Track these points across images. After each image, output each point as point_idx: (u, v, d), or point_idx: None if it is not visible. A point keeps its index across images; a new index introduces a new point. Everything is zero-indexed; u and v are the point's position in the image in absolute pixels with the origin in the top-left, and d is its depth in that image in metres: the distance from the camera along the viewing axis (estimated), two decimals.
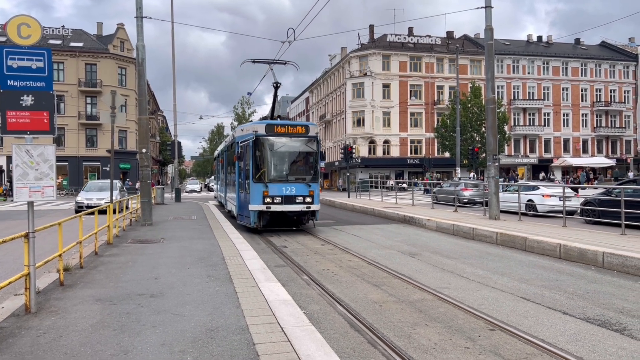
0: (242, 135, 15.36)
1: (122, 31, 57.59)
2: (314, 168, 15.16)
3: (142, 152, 16.07)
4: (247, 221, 14.76)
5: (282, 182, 14.33)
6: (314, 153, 15.14)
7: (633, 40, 72.38)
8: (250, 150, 14.38)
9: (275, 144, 14.62)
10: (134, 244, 11.73)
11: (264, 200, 13.96)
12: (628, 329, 5.74)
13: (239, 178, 15.68)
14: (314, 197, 14.58)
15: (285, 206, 14.27)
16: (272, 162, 14.57)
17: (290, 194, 14.19)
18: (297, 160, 15.24)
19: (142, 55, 15.96)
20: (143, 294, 6.76)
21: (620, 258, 8.96)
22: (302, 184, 14.57)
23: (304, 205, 14.41)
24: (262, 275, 7.80)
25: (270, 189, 14.08)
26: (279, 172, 14.67)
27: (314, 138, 15.06)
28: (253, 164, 14.32)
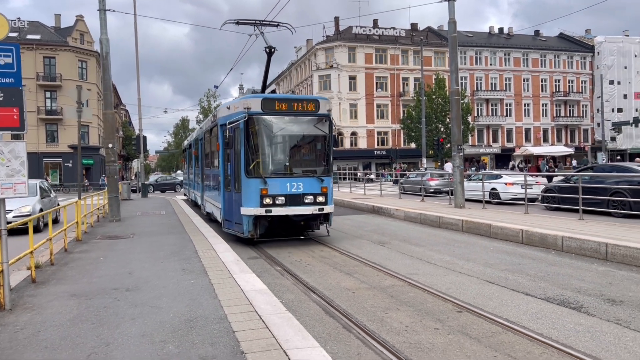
0: (227, 115, 11.75)
1: (82, 23, 56.11)
2: (326, 157, 11.63)
3: (108, 147, 15.87)
4: (238, 229, 11.28)
5: (286, 177, 10.93)
6: (327, 137, 11.55)
7: (590, 32, 74.76)
8: (241, 134, 10.85)
9: (276, 125, 11.04)
10: (104, 240, 11.65)
11: (262, 201, 10.57)
12: (585, 307, 6.12)
13: (224, 172, 12.09)
14: (327, 195, 11.15)
15: (290, 208, 10.77)
16: (271, 150, 11.22)
17: (296, 191, 10.77)
18: (305, 147, 11.94)
19: (107, 49, 15.72)
20: (118, 288, 6.80)
21: (578, 242, 9.44)
22: (312, 178, 11.13)
23: (316, 206, 10.97)
24: (236, 267, 7.93)
25: (270, 185, 10.64)
26: (281, 163, 11.25)
27: (325, 117, 11.48)
28: (245, 154, 10.79)
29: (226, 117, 11.82)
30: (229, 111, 11.82)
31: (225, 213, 12.21)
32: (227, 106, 12.18)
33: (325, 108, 11.50)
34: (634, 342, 4.94)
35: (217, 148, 12.36)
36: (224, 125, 11.73)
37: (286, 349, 4.30)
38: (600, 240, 9.08)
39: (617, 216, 14.34)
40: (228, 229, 12.09)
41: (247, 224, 10.82)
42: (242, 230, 11.02)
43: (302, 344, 4.41)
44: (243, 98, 11.61)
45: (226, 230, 12.21)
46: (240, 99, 11.87)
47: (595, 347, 4.81)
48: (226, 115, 11.90)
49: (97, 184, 49.72)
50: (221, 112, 12.69)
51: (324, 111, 11.46)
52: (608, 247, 8.79)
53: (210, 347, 4.46)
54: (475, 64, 65.16)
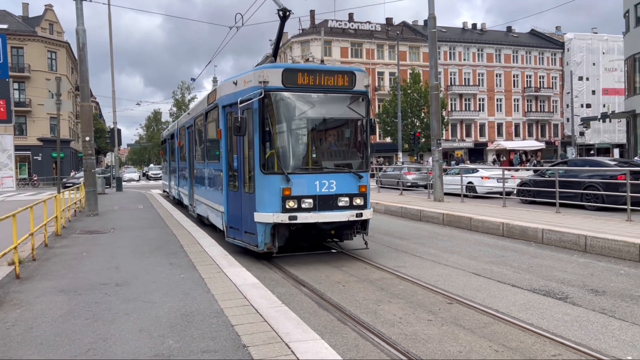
0: (233, 93, 9.14)
1: (51, 13, 54.65)
2: (363, 147, 9.25)
3: (85, 141, 15.55)
4: (249, 240, 8.89)
5: (315, 172, 8.58)
6: (364, 121, 9.13)
7: (560, 29, 76.26)
8: (254, 117, 8.49)
9: (301, 105, 8.71)
10: (84, 235, 11.45)
11: (285, 204, 8.24)
12: (570, 297, 6.32)
13: (228, 167, 9.71)
14: (366, 196, 8.87)
15: (321, 214, 8.41)
16: (296, 138, 8.85)
17: (328, 192, 8.47)
18: (338, 134, 9.51)
19: (83, 40, 15.35)
20: (107, 284, 6.72)
21: (558, 234, 9.70)
22: (348, 174, 8.77)
23: (352, 210, 8.60)
24: (224, 261, 7.90)
25: (294, 184, 8.29)
26: (308, 155, 8.84)
27: (363, 95, 9.07)
28: (260, 142, 8.44)
29: (232, 95, 9.23)
30: (235, 87, 9.20)
31: (230, 219, 9.62)
32: (233, 81, 9.39)
33: (363, 83, 9.04)
34: (620, 330, 5.13)
35: (219, 136, 9.88)
36: (229, 107, 9.41)
37: (288, 341, 4.32)
38: (579, 232, 9.35)
39: (590, 209, 14.78)
40: (234, 239, 9.48)
41: (262, 235, 8.41)
42: (255, 242, 8.59)
43: (302, 337, 4.45)
44: (257, 69, 8.79)
45: (231, 241, 9.61)
46: (252, 70, 8.96)
47: (585, 336, 4.98)
48: (231, 94, 9.26)
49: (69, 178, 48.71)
50: (224, 89, 9.93)
51: (361, 87, 9.01)
52: (587, 240, 9.06)
53: (211, 341, 4.46)
54: (449, 59, 65.86)
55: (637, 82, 33.06)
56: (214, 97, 10.88)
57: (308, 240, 9.41)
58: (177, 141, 18.57)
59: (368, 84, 9.18)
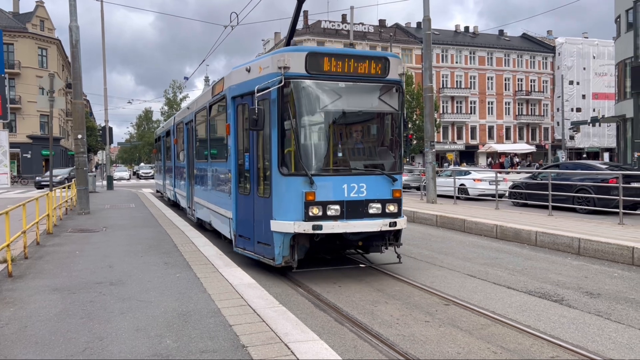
0: (245, 82, 8.12)
1: (42, 9, 54.23)
2: (396, 145, 8.08)
3: (78, 138, 15.41)
4: (264, 252, 7.74)
5: (343, 174, 7.48)
6: (397, 115, 8.00)
7: (551, 33, 76.89)
8: (272, 109, 7.36)
9: (328, 95, 7.55)
10: (76, 233, 11.35)
11: (308, 211, 7.11)
12: (565, 300, 6.35)
13: (237, 166, 8.62)
14: (400, 203, 7.81)
15: (349, 223, 7.25)
16: (321, 134, 7.72)
17: (357, 197, 7.35)
18: (368, 130, 8.35)
19: (77, 37, 15.23)
20: (102, 282, 6.66)
21: (551, 237, 9.75)
22: (380, 176, 7.63)
23: (385, 219, 7.48)
24: (220, 261, 7.85)
25: (319, 188, 7.17)
26: (335, 154, 7.69)
27: (397, 85, 7.89)
28: (279, 138, 7.32)
29: (243, 84, 8.18)
30: (248, 75, 8.07)
31: (240, 226, 8.51)
32: (245, 67, 8.18)
33: (397, 71, 7.87)
34: (617, 333, 5.17)
35: (227, 131, 8.78)
36: (240, 97, 8.35)
37: (287, 342, 4.30)
38: (572, 235, 9.41)
39: (581, 212, 14.90)
40: (244, 249, 8.32)
41: (280, 246, 7.28)
42: (270, 254, 7.46)
43: (302, 337, 4.42)
44: (276, 52, 7.51)
45: (240, 252, 8.41)
46: (270, 54, 7.69)
47: (582, 338, 5.01)
48: (243, 82, 8.20)
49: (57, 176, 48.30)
50: (234, 77, 8.71)
51: (394, 76, 7.84)
52: (580, 242, 9.11)
53: (209, 341, 4.42)
54: (441, 61, 66.12)
55: (628, 86, 33.38)
56: (220, 88, 9.62)
57: (330, 252, 8.32)
58: (174, 138, 17.43)
59: (402, 72, 7.97)
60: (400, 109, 7.98)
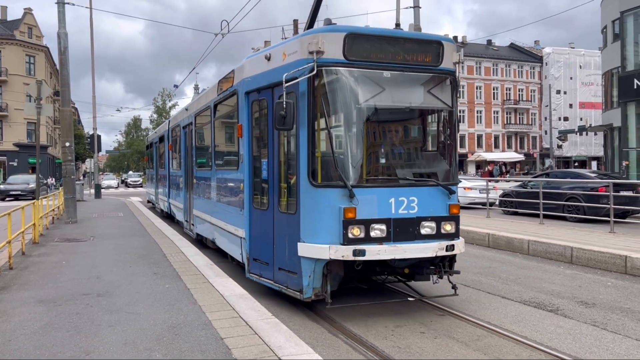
0: (264, 72, 6.77)
1: (30, 16, 53.89)
2: (450, 150, 6.69)
3: (65, 146, 15.21)
4: (288, 282, 6.35)
5: (389, 185, 6.13)
6: (451, 113, 6.67)
7: (538, 43, 77.78)
8: (301, 104, 5.99)
9: (370, 87, 6.16)
10: (63, 243, 11.14)
11: (347, 232, 5.74)
12: (561, 309, 6.30)
13: (251, 176, 7.23)
14: (458, 221, 6.35)
15: (398, 247, 5.88)
16: (362, 135, 6.21)
17: (407, 214, 5.99)
18: (417, 131, 6.99)
19: (65, 44, 15.08)
20: (89, 294, 6.49)
21: (544, 245, 9.73)
22: (433, 188, 6.24)
23: (440, 241, 6.09)
24: (210, 271, 7.71)
25: (361, 202, 5.81)
26: (379, 161, 6.47)
27: (450, 76, 6.56)
28: (309, 140, 5.93)
29: (261, 76, 6.82)
30: (267, 64, 6.66)
31: (255, 248, 7.13)
32: (264, 55, 6.76)
33: (452, 59, 6.51)
34: (614, 343, 5.11)
35: (239, 134, 7.40)
36: (257, 92, 6.97)
37: (281, 356, 4.18)
38: (565, 244, 9.40)
39: (571, 220, 14.92)
40: (260, 276, 6.93)
41: (310, 276, 5.87)
42: (297, 284, 6.08)
43: (296, 351, 4.31)
44: (305, 34, 6.15)
45: (255, 279, 7.03)
46: (297, 36, 6.29)
47: (579, 349, 4.94)
48: (261, 74, 6.83)
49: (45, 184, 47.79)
50: (247, 68, 7.27)
51: (448, 65, 6.47)
52: (573, 251, 9.10)
53: (200, 355, 4.29)
54: None
55: (615, 96, 33.75)
56: (229, 82, 8.20)
57: (366, 280, 6.85)
58: (169, 144, 15.93)
59: (458, 61, 6.57)
60: (453, 105, 6.60)
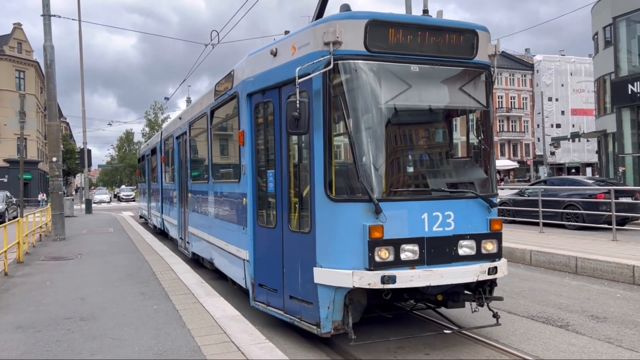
0: (269, 70, 5.97)
1: (20, 31, 53.49)
2: (487, 155, 5.80)
3: (52, 162, 14.81)
4: (302, 313, 5.46)
5: (420, 198, 5.20)
6: (486, 114, 5.83)
7: (529, 51, 78.19)
8: (317, 104, 5.15)
9: (395, 84, 5.29)
10: (49, 262, 10.73)
11: (374, 254, 4.81)
12: (571, 325, 5.97)
13: (255, 189, 6.41)
14: (500, 239, 5.43)
15: (434, 271, 4.95)
16: (387, 140, 5.31)
17: (443, 232, 5.10)
18: (449, 134, 6.07)
19: (51, 57, 14.74)
20: (71, 318, 6.11)
21: (547, 255, 9.42)
22: (471, 201, 5.34)
23: (481, 262, 5.22)
24: (201, 290, 7.34)
25: (389, 219, 4.89)
26: (407, 170, 5.62)
27: (485, 70, 5.71)
28: (326, 147, 5.07)
29: (266, 75, 6.01)
30: (273, 60, 5.84)
31: (260, 271, 6.26)
32: (269, 50, 5.88)
33: (486, 51, 5.64)
34: None
35: (240, 141, 6.60)
36: (261, 93, 6.14)
37: None
38: (569, 254, 9.09)
39: (570, 228, 14.69)
40: (267, 305, 6.08)
41: (329, 307, 5.00)
42: (312, 316, 5.21)
43: None
44: (320, 22, 5.28)
45: (262, 308, 6.15)
46: (308, 26, 5.44)
47: None
48: (265, 72, 6.02)
49: (36, 200, 47.22)
50: (249, 66, 6.49)
51: (483, 57, 5.61)
52: (578, 261, 8.79)
53: None
54: None
55: (607, 102, 33.73)
56: (229, 84, 7.37)
57: (392, 308, 5.95)
58: (161, 156, 15.15)
59: (494, 53, 5.69)
60: (488, 104, 5.72)
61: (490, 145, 5.74)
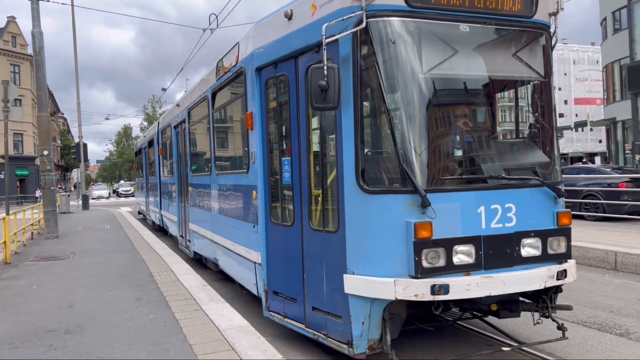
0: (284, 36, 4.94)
1: (14, 25, 52.44)
2: (549, 136, 4.72)
3: (43, 155, 13.99)
4: (330, 329, 4.51)
5: (474, 188, 4.16)
6: (546, 86, 4.72)
7: None
8: (345, 73, 4.11)
9: (441, 48, 4.25)
10: (39, 262, 9.94)
11: (421, 258, 3.86)
12: (632, 332, 5.19)
13: (266, 180, 5.49)
14: (569, 236, 4.40)
15: (494, 276, 3.98)
16: (433, 118, 4.28)
17: (503, 229, 4.11)
18: (504, 110, 5.25)
19: (40, 44, 13.89)
20: (55, 330, 5.31)
21: (581, 250, 8.62)
22: (536, 189, 4.31)
23: (550, 264, 4.26)
24: (203, 294, 6.55)
25: (438, 214, 3.91)
26: (459, 154, 4.31)
27: (545, 32, 4.65)
28: (357, 126, 4.09)
29: (279, 43, 5.04)
30: (288, 25, 4.88)
31: (274, 276, 5.38)
32: (283, 12, 4.92)
33: (546, 8, 4.66)
34: None
35: (248, 124, 5.63)
36: (273, 66, 5.19)
37: None
38: (606, 248, 8.30)
39: (589, 219, 13.96)
40: (284, 317, 5.17)
41: (364, 322, 4.15)
42: (342, 333, 4.34)
43: None
44: None
45: (277, 319, 5.25)
46: None
47: None
48: (278, 40, 5.05)
49: (33, 197, 46.39)
50: (259, 35, 5.47)
51: (543, 16, 4.63)
52: (617, 256, 8.01)
53: None
54: None
55: (617, 89, 32.90)
56: (233, 59, 6.33)
57: (430, 318, 4.68)
58: (159, 148, 14.20)
59: (556, 10, 4.70)
60: (547, 74, 4.70)
61: (553, 123, 4.74)
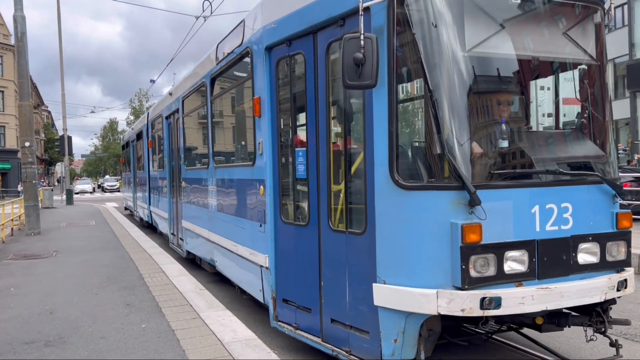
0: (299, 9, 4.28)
1: None
2: (605, 127, 4.08)
3: (25, 147, 13.23)
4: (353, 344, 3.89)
5: (527, 185, 3.56)
6: (600, 70, 4.09)
7: None
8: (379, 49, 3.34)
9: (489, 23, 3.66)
10: (18, 261, 9.25)
11: (468, 266, 3.26)
12: None
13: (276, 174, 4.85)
14: (628, 240, 3.83)
15: (550, 287, 3.41)
16: (480, 104, 3.69)
17: (559, 231, 3.53)
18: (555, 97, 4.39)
19: (22, 29, 13.11)
20: (34, 342, 4.68)
21: None
22: (593, 186, 3.74)
23: (610, 273, 3.73)
24: (201, 300, 5.94)
25: (488, 214, 3.30)
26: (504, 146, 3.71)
27: (598, 8, 4.02)
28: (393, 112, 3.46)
29: (293, 17, 4.42)
30: None
31: (283, 282, 4.80)
32: None
33: None
34: None
35: (255, 111, 5.03)
36: (288, 44, 4.52)
37: None
38: (634, 251, 7.79)
39: None
40: (296, 328, 4.57)
41: (397, 339, 3.56)
42: (370, 351, 3.75)
43: None
44: None
45: (287, 331, 4.66)
46: None
47: None
48: (293, 14, 4.41)
49: (15, 191, 45.20)
50: (269, 10, 4.86)
51: None
52: None
53: None
54: None
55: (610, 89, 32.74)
56: (237, 39, 5.67)
57: (462, 331, 4.46)
58: (148, 140, 13.39)
59: None
60: (600, 57, 4.09)
61: (608, 113, 4.15)
